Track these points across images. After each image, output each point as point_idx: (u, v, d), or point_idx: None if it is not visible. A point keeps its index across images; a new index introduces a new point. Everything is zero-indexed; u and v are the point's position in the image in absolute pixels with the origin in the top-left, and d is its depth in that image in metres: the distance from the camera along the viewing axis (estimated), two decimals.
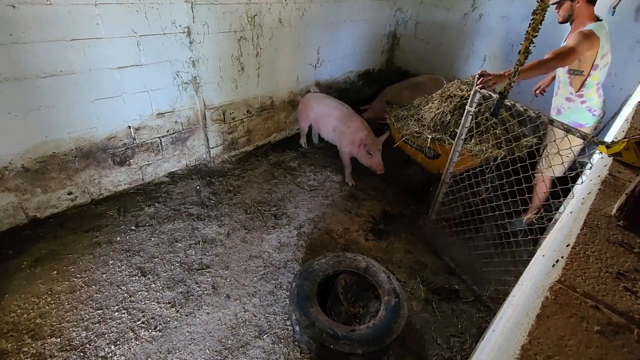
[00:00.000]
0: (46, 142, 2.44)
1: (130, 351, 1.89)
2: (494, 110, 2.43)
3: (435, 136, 2.91)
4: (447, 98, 3.05)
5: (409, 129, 3.09)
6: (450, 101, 3.01)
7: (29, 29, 2.10)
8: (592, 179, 1.24)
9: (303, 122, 3.91)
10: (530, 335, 0.58)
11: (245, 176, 3.44)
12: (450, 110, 2.97)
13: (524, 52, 2.08)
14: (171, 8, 2.61)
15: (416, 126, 3.10)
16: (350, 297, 2.15)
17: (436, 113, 3.05)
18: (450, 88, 3.14)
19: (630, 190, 0.81)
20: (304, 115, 3.82)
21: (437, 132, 2.96)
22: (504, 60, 4.16)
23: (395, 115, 3.38)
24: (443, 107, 3.02)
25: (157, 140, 3.06)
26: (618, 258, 0.74)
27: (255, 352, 1.95)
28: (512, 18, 3.97)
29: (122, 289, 2.20)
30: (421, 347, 2.11)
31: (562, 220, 1.26)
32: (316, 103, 3.68)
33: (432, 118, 3.05)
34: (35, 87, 2.25)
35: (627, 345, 0.56)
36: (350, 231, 2.90)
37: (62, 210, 2.70)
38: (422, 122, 3.12)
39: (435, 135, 2.92)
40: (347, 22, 4.20)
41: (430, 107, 3.14)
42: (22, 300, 2.06)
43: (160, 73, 2.79)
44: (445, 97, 3.08)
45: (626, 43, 3.22)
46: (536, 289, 0.76)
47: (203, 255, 2.50)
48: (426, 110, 3.17)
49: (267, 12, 3.24)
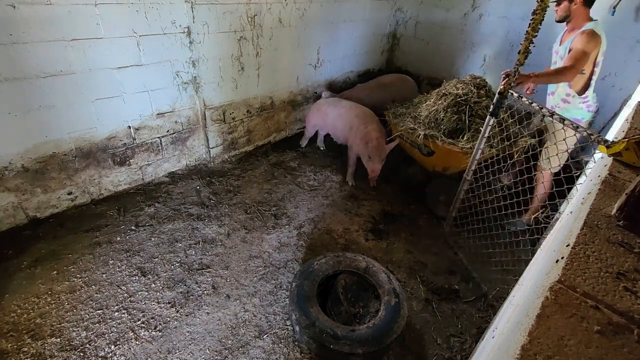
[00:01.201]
0: (46, 142, 2.44)
1: (130, 351, 1.89)
2: (493, 109, 2.43)
3: (428, 132, 2.95)
4: (442, 96, 3.10)
5: (405, 125, 3.12)
6: (444, 99, 3.05)
7: (29, 29, 2.10)
8: (592, 179, 1.24)
9: (311, 127, 3.87)
10: (530, 335, 0.58)
11: (245, 176, 3.44)
12: (444, 108, 3.01)
13: (524, 52, 2.08)
14: (171, 8, 2.61)
15: (412, 123, 3.13)
16: (350, 297, 2.15)
17: (430, 110, 3.10)
18: (446, 86, 3.17)
19: (630, 190, 0.81)
20: (315, 119, 3.77)
21: (432, 129, 3.00)
22: (504, 60, 4.16)
23: (394, 112, 3.41)
24: (437, 105, 3.07)
25: (157, 140, 3.06)
26: (618, 258, 0.74)
27: (255, 352, 1.95)
28: (512, 18, 3.97)
29: (122, 289, 2.20)
30: (421, 347, 2.11)
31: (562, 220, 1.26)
32: (332, 107, 3.63)
33: (426, 115, 3.10)
34: (35, 87, 2.25)
35: (627, 345, 0.56)
36: (350, 231, 2.89)
37: (62, 210, 2.70)
38: (418, 119, 3.17)
39: (428, 132, 2.95)
40: (347, 22, 4.20)
41: (427, 105, 3.18)
42: (22, 300, 2.06)
43: (160, 73, 2.79)
44: (441, 95, 3.12)
45: (626, 43, 3.22)
46: (536, 289, 0.76)
47: (203, 255, 2.50)
48: (423, 107, 3.21)
49: (267, 12, 3.24)
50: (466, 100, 2.97)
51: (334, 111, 3.61)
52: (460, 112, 2.97)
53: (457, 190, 2.83)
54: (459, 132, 2.97)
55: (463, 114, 2.95)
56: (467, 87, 3.05)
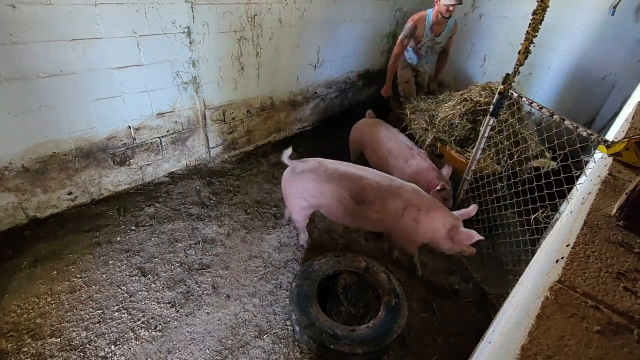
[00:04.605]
0: (46, 142, 2.44)
1: (130, 351, 1.89)
2: (493, 109, 2.43)
3: (438, 135, 2.87)
4: (463, 101, 2.92)
5: (418, 124, 3.04)
6: (464, 105, 2.88)
7: (29, 29, 2.10)
8: (592, 179, 1.24)
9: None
10: (530, 335, 0.58)
11: (245, 176, 3.44)
12: (461, 114, 2.87)
13: (524, 52, 2.08)
14: (171, 8, 2.61)
15: (426, 123, 3.02)
16: (350, 297, 2.15)
17: (447, 114, 2.95)
18: (471, 90, 2.99)
19: (630, 190, 0.81)
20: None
21: (444, 133, 2.88)
22: (504, 60, 4.16)
23: (415, 107, 3.27)
24: (456, 109, 2.92)
25: (157, 140, 3.05)
26: (618, 258, 0.74)
27: (255, 352, 1.95)
28: (512, 18, 3.97)
29: (122, 289, 2.20)
30: (421, 347, 2.11)
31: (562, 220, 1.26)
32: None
33: (443, 117, 2.96)
34: (35, 87, 2.24)
35: (627, 345, 0.57)
36: (350, 231, 2.89)
37: (62, 210, 2.70)
38: (434, 119, 3.03)
39: (438, 135, 2.88)
40: (347, 22, 4.19)
41: (447, 107, 3.03)
42: (22, 300, 2.05)
43: (160, 73, 2.79)
44: (462, 99, 2.95)
45: (626, 43, 3.22)
46: (536, 289, 0.76)
47: (203, 255, 2.50)
48: (443, 108, 3.05)
49: (267, 12, 3.24)
50: (485, 111, 2.70)
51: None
52: (477, 122, 2.79)
53: (457, 190, 2.83)
54: (471, 142, 2.80)
55: (479, 124, 2.74)
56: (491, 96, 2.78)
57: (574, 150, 1.95)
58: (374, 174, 2.36)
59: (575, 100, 3.73)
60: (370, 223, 2.37)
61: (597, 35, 3.39)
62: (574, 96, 3.74)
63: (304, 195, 2.36)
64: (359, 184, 2.27)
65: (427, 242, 2.33)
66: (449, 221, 2.23)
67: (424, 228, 2.25)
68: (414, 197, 2.27)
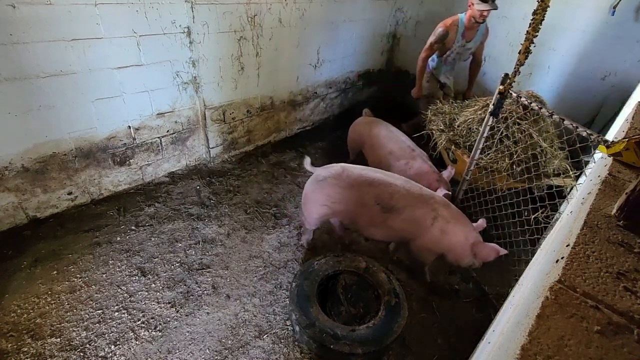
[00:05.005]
0: (46, 142, 2.44)
1: (130, 351, 1.89)
2: (494, 109, 2.43)
3: (452, 138, 2.80)
4: (484, 107, 2.86)
5: (436, 125, 2.98)
6: (484, 111, 2.81)
7: (29, 29, 2.10)
8: (592, 179, 1.24)
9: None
10: (530, 335, 0.58)
11: (245, 176, 3.44)
12: (479, 120, 2.79)
13: (524, 52, 2.08)
14: (171, 8, 2.61)
15: (444, 125, 2.96)
16: (350, 297, 2.15)
17: (467, 118, 2.89)
18: None
19: (630, 190, 0.81)
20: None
21: (461, 137, 2.81)
22: (504, 60, 4.16)
23: (438, 109, 3.22)
24: (477, 115, 2.85)
25: (157, 140, 3.05)
26: (618, 258, 0.74)
27: (255, 352, 1.95)
28: (512, 18, 3.97)
29: (122, 289, 2.20)
30: (421, 347, 2.11)
31: (562, 220, 1.26)
32: None
33: (462, 121, 2.91)
34: (35, 87, 2.24)
35: (627, 345, 0.56)
36: (350, 231, 2.89)
37: (62, 210, 2.70)
38: (454, 122, 2.97)
39: (453, 138, 2.80)
40: (347, 22, 4.19)
41: (469, 112, 2.96)
42: (22, 300, 2.05)
43: (160, 73, 2.79)
44: (484, 104, 2.88)
45: (626, 43, 3.22)
46: (536, 289, 0.76)
47: (203, 255, 2.50)
48: (465, 112, 2.98)
49: (267, 12, 3.24)
50: (505, 119, 2.61)
51: None
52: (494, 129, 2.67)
53: (457, 190, 2.83)
54: (485, 150, 2.70)
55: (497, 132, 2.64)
56: (514, 105, 2.65)
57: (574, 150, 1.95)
58: (402, 180, 2.30)
59: (575, 100, 3.73)
60: (393, 231, 2.29)
61: (597, 35, 3.39)
62: (574, 96, 3.74)
63: (326, 203, 2.29)
64: (387, 190, 2.20)
65: (445, 254, 2.29)
66: (473, 235, 2.21)
67: (449, 240, 2.21)
68: (443, 209, 2.23)
